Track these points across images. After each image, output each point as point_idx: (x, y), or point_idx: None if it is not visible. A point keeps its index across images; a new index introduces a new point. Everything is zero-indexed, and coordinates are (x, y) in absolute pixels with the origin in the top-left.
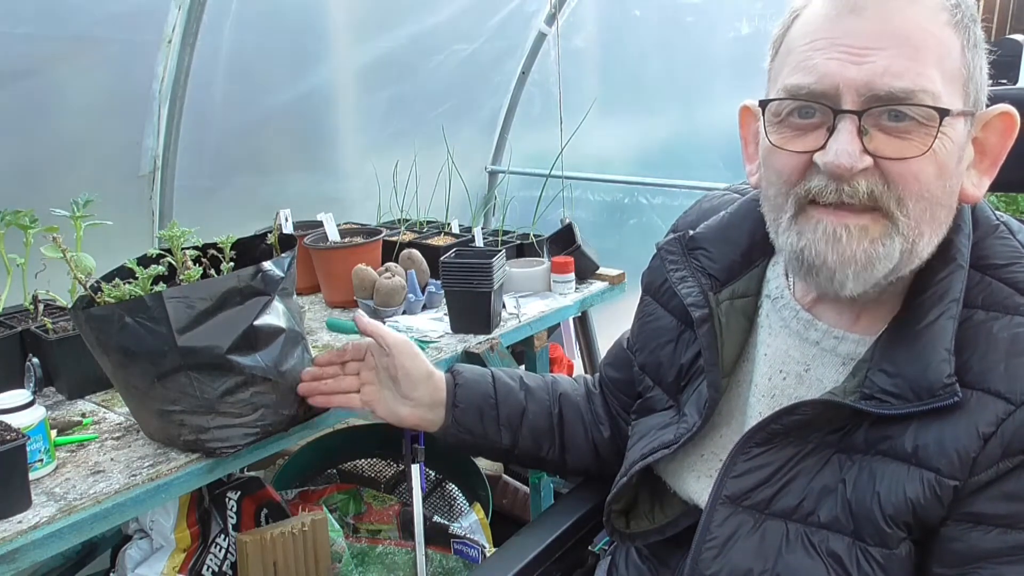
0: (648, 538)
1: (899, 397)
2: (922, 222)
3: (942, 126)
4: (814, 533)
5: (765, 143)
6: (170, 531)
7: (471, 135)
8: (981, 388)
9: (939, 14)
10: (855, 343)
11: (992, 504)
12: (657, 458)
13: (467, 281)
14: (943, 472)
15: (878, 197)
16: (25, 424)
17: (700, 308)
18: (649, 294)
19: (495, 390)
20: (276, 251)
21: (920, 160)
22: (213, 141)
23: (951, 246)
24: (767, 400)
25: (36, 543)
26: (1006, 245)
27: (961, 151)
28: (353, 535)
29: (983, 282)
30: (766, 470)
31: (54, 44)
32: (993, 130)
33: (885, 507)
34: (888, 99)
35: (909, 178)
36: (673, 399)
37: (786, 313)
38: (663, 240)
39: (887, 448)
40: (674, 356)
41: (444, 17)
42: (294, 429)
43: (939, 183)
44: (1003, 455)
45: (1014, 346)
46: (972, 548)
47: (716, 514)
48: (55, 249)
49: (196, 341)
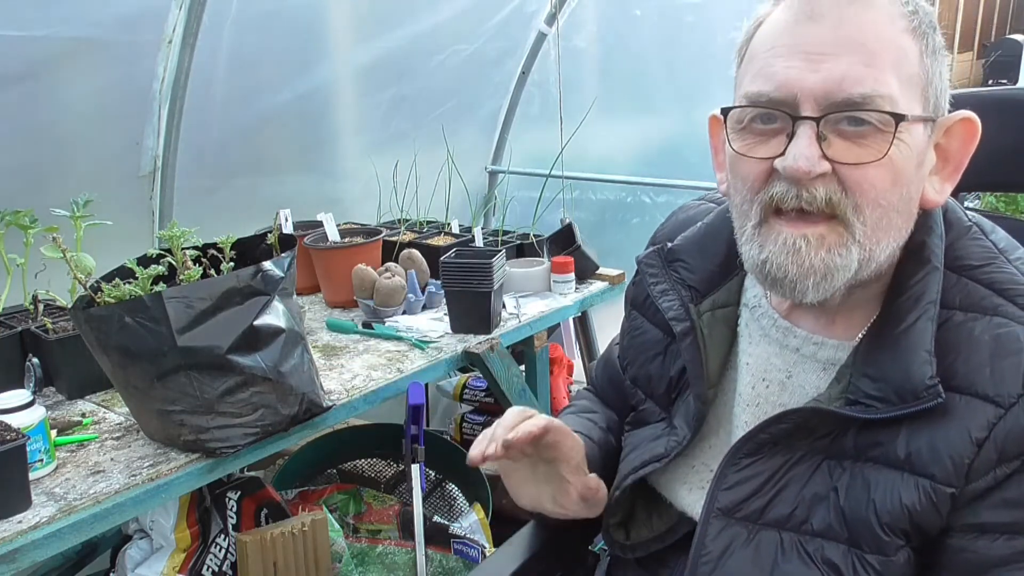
0: (650, 548)
1: (884, 401)
2: (879, 229)
3: (898, 131)
4: (809, 542)
5: (729, 150)
6: (170, 531)
7: (471, 135)
8: (969, 392)
9: (896, 20)
10: (835, 348)
11: (995, 512)
12: (648, 471)
13: (467, 281)
14: (938, 478)
15: (836, 204)
16: (25, 424)
17: (681, 322)
18: (635, 308)
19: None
20: (276, 251)
21: (876, 166)
22: (213, 141)
23: (924, 248)
24: (752, 409)
25: (36, 543)
26: (980, 246)
27: (921, 157)
28: (353, 535)
29: (959, 283)
30: (757, 480)
31: (54, 45)
32: (955, 136)
33: (881, 515)
34: (845, 105)
35: (865, 185)
36: (665, 411)
37: (765, 322)
38: (643, 254)
39: (879, 455)
40: (663, 369)
41: (444, 17)
42: (294, 429)
43: (895, 189)
44: (999, 460)
45: (997, 348)
46: (982, 557)
47: (710, 527)
48: (55, 249)
49: (196, 341)
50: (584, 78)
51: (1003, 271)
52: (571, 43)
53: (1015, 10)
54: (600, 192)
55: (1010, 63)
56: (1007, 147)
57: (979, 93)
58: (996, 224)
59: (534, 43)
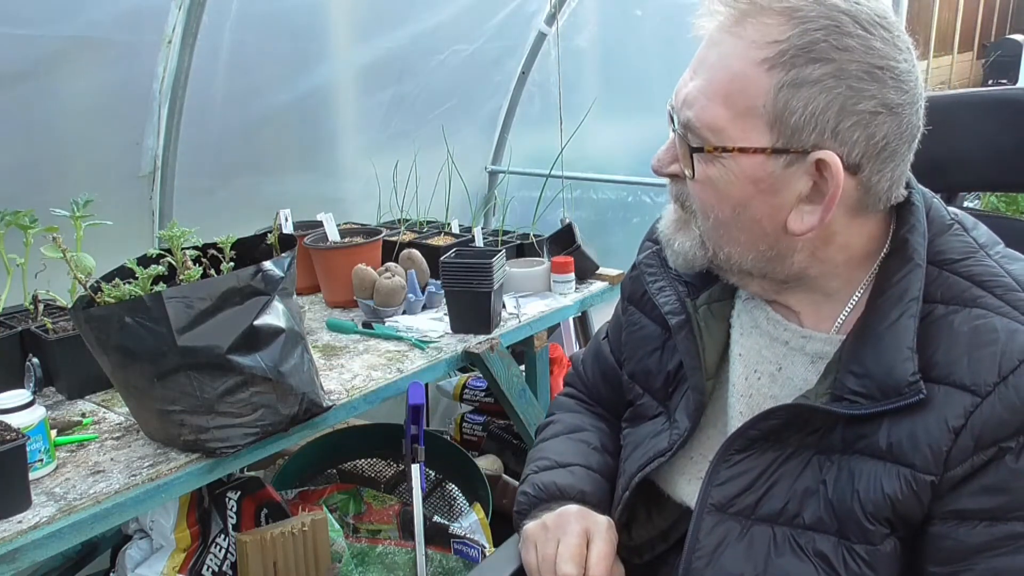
0: (655, 548)
1: (868, 397)
2: (719, 239)
3: (719, 157)
4: (800, 535)
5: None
6: (170, 531)
7: (471, 135)
8: (947, 382)
9: (752, 52)
10: (822, 342)
11: (974, 499)
12: (654, 467)
13: (467, 281)
14: (918, 467)
15: (683, 201)
16: (25, 424)
17: (677, 315)
18: (632, 304)
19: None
20: (276, 251)
21: (693, 183)
22: (213, 141)
23: (907, 245)
24: (745, 400)
25: (36, 543)
26: (961, 241)
27: (765, 184)
28: (353, 535)
29: (941, 276)
30: (748, 476)
31: (54, 44)
32: (825, 170)
33: (865, 504)
34: (683, 124)
35: (692, 196)
36: (663, 406)
37: (756, 313)
38: (642, 254)
39: (864, 447)
40: (661, 363)
41: (444, 17)
42: (294, 429)
43: (723, 207)
44: (976, 448)
45: (975, 338)
46: (961, 544)
47: (704, 523)
48: (55, 249)
49: (196, 341)
50: (584, 78)
51: (982, 264)
52: (571, 43)
53: (1015, 10)
54: (601, 192)
55: (1010, 63)
56: (1007, 147)
57: (979, 93)
58: (995, 224)
59: (534, 43)
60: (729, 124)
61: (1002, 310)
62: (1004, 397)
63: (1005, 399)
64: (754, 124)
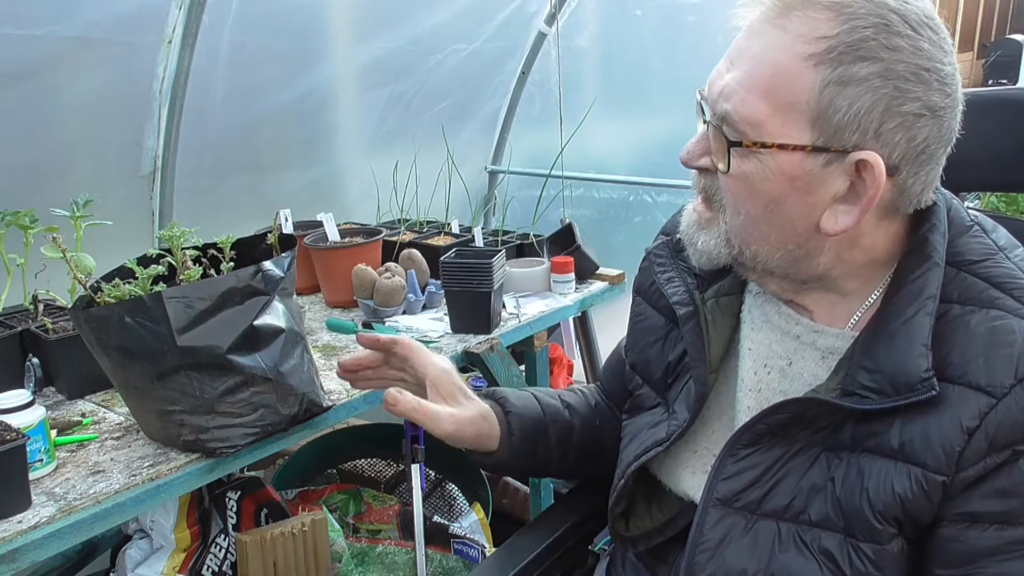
0: (651, 540)
1: (879, 392)
2: (747, 236)
3: (756, 152)
4: (806, 532)
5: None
6: (170, 531)
7: (471, 135)
8: (962, 382)
9: (798, 45)
10: (835, 337)
11: (985, 502)
12: (651, 456)
13: (467, 281)
14: (929, 467)
15: (711, 195)
16: (25, 424)
17: (685, 306)
18: (640, 295)
19: (544, 414)
20: (276, 251)
21: (726, 177)
22: (213, 141)
23: (926, 244)
24: (754, 394)
25: (36, 543)
26: (980, 242)
27: (802, 183)
28: (353, 535)
29: (959, 277)
30: (755, 471)
31: (54, 44)
32: (865, 171)
33: (874, 503)
34: (719, 116)
35: (723, 190)
36: (661, 396)
37: (768, 308)
38: (653, 244)
39: (874, 445)
40: (662, 354)
41: (444, 17)
42: (294, 429)
43: (756, 204)
44: (990, 450)
45: (992, 339)
46: (971, 547)
47: (708, 516)
48: (55, 249)
49: (196, 341)
50: (584, 78)
51: (1001, 266)
52: (571, 43)
53: (1015, 10)
54: (601, 192)
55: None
56: (1007, 147)
57: (979, 93)
58: (997, 224)
59: (534, 43)
60: (769, 119)
61: (1020, 312)
62: (1020, 399)
63: (1021, 401)
64: (795, 120)
